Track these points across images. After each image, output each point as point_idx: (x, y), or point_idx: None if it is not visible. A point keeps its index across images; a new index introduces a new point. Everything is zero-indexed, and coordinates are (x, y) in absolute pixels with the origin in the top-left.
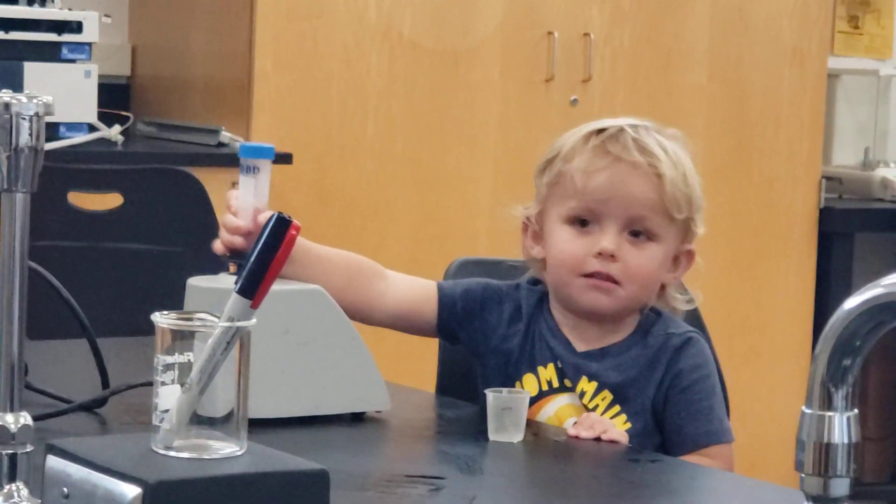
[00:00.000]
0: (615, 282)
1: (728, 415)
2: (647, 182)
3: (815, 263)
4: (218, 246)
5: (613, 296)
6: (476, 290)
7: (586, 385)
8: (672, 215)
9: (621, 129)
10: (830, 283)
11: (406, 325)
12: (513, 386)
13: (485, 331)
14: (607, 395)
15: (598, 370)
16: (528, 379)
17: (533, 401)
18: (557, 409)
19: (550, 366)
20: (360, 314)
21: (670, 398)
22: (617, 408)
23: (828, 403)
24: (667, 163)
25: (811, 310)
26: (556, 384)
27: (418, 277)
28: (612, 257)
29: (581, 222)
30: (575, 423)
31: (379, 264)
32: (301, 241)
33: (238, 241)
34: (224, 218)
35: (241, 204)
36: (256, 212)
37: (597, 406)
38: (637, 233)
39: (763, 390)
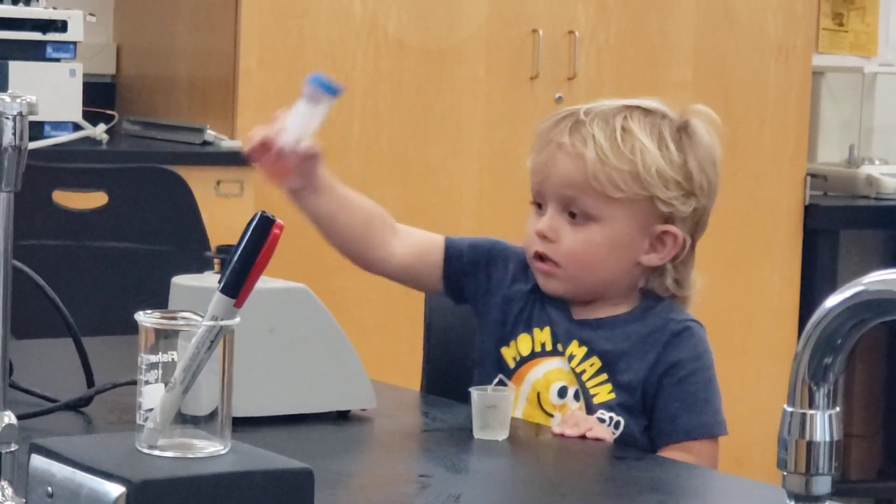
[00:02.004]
0: (554, 263)
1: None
2: (571, 162)
3: (801, 260)
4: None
5: (556, 278)
6: (484, 244)
7: (576, 349)
8: (608, 194)
9: (573, 113)
10: (815, 280)
11: (413, 274)
12: (506, 345)
13: (488, 286)
14: (596, 362)
15: (590, 336)
16: (523, 339)
17: (524, 360)
18: (546, 372)
19: (547, 329)
20: (368, 261)
21: (666, 386)
22: (604, 376)
23: (809, 402)
24: (598, 142)
25: (796, 307)
26: (549, 347)
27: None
28: (545, 238)
29: (538, 205)
30: (561, 421)
31: (391, 216)
32: (327, 175)
33: (259, 145)
34: (265, 127)
35: (290, 123)
36: (298, 140)
37: (584, 371)
38: (573, 213)
39: (748, 387)
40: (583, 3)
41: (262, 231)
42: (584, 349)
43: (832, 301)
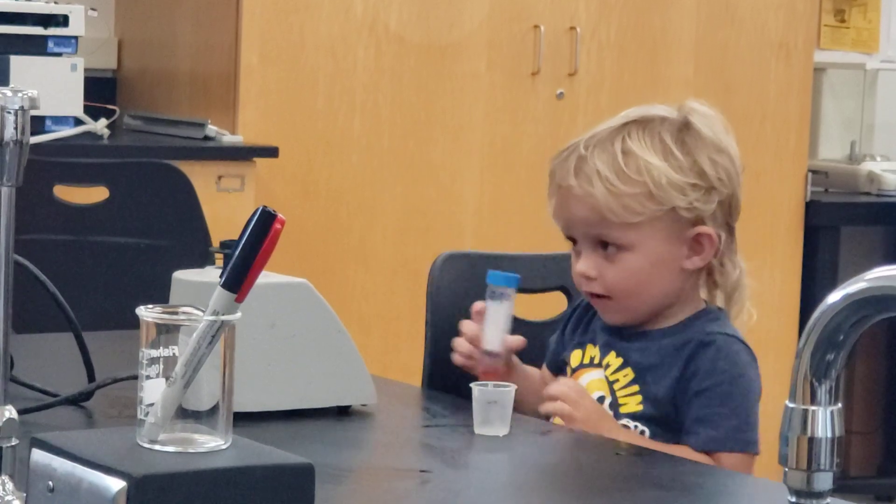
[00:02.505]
0: (605, 297)
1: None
2: (580, 204)
3: (802, 257)
4: (458, 359)
5: (613, 310)
6: (554, 339)
7: (613, 359)
8: (629, 221)
9: (573, 150)
10: (816, 277)
11: None
12: (565, 362)
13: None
14: (629, 373)
15: (626, 347)
16: (576, 354)
17: (573, 372)
18: (587, 383)
19: (598, 345)
20: None
21: (685, 398)
22: (636, 387)
23: (811, 398)
24: (604, 176)
25: (797, 303)
26: (597, 360)
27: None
28: (589, 278)
29: (574, 241)
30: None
31: None
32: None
33: (467, 355)
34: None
35: (489, 328)
36: (506, 339)
37: (616, 380)
38: (606, 245)
39: None
40: None
41: (264, 226)
42: (620, 360)
43: (834, 297)
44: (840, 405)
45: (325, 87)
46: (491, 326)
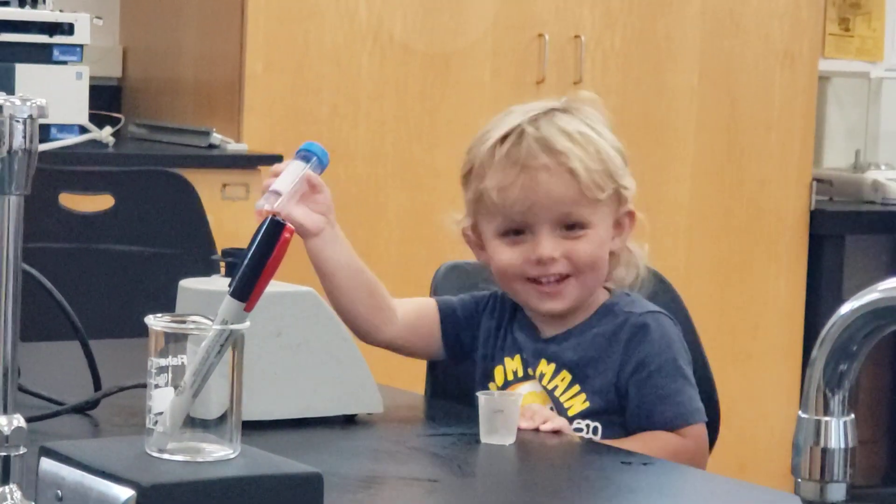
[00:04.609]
0: (562, 277)
1: (719, 396)
2: (559, 181)
3: (806, 265)
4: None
5: (569, 291)
6: (467, 299)
7: (545, 367)
8: (597, 199)
9: (521, 132)
10: (821, 286)
11: (412, 340)
12: (491, 380)
13: (481, 332)
14: (566, 376)
15: (556, 351)
16: (498, 371)
17: (500, 390)
18: (523, 397)
19: (517, 357)
20: (372, 327)
21: (636, 384)
22: (577, 387)
23: (824, 408)
24: (575, 153)
25: (802, 312)
26: (520, 374)
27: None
28: (552, 260)
29: (515, 232)
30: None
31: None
32: (343, 234)
33: (267, 199)
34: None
35: (282, 175)
36: (285, 201)
37: (556, 387)
38: (570, 226)
39: (754, 392)
40: (589, 7)
41: (273, 235)
42: (553, 365)
43: (847, 307)
44: (853, 416)
45: (330, 95)
46: (285, 174)
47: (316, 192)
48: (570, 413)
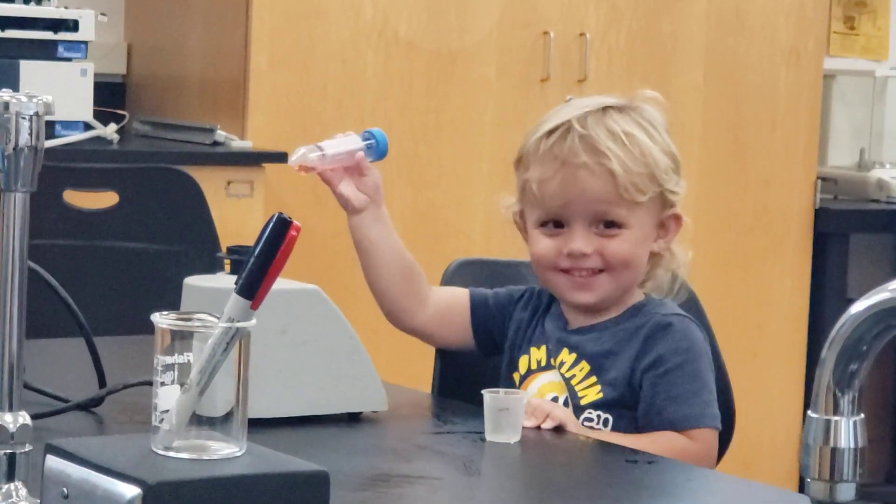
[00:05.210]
0: (592, 271)
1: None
2: (597, 180)
3: (811, 264)
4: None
5: (594, 286)
6: (503, 292)
7: (566, 356)
8: (636, 201)
9: (568, 128)
10: (826, 284)
11: (443, 329)
12: (516, 369)
13: (512, 323)
14: (585, 366)
15: (578, 342)
16: (523, 360)
17: (523, 379)
18: (540, 386)
19: (543, 347)
20: (403, 310)
21: (650, 380)
22: (593, 378)
23: (834, 408)
24: (616, 154)
25: (806, 310)
26: (543, 363)
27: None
28: (583, 255)
29: (554, 223)
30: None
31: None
32: (387, 214)
33: (311, 152)
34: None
35: (337, 138)
36: (322, 159)
37: (573, 376)
38: (607, 224)
39: (759, 391)
40: (594, 5)
41: (279, 232)
42: (574, 355)
43: (857, 307)
44: (863, 416)
45: (335, 92)
46: (340, 139)
47: (363, 174)
48: (583, 402)
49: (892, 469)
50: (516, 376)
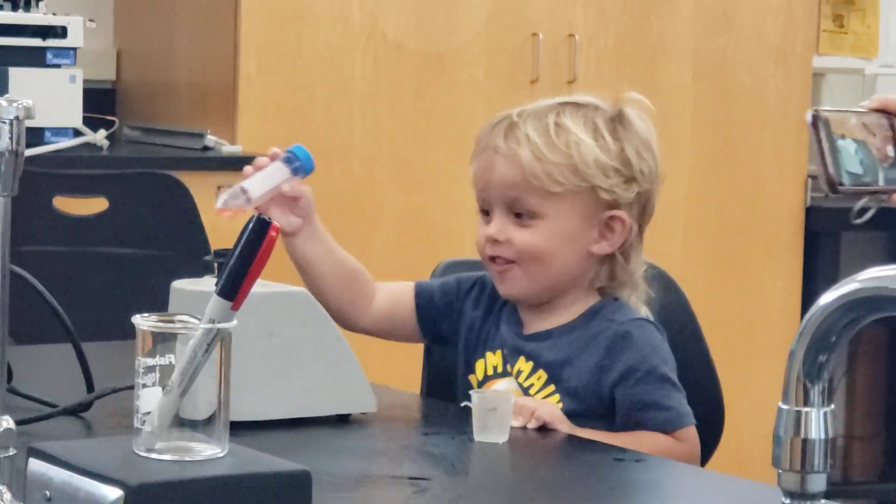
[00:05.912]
0: (507, 261)
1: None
2: (508, 164)
3: (802, 263)
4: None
5: (511, 278)
6: (451, 282)
7: (523, 365)
8: (549, 190)
9: (510, 121)
10: (817, 283)
11: (389, 325)
12: (472, 371)
13: (460, 321)
14: (542, 375)
15: (535, 350)
16: (479, 364)
17: (480, 385)
18: None
19: (498, 352)
20: (349, 314)
21: (622, 394)
22: (551, 387)
23: (804, 399)
24: (532, 141)
25: (798, 309)
26: (500, 369)
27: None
28: (496, 241)
29: (485, 212)
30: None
31: (370, 275)
32: (321, 225)
33: (237, 198)
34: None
35: (261, 174)
36: (248, 203)
37: (532, 385)
38: (519, 214)
39: (751, 389)
40: (582, 6)
41: (259, 234)
42: (531, 364)
43: (827, 298)
44: (833, 406)
45: (324, 95)
46: (263, 174)
47: (296, 197)
48: None
49: (886, 466)
50: (473, 379)
